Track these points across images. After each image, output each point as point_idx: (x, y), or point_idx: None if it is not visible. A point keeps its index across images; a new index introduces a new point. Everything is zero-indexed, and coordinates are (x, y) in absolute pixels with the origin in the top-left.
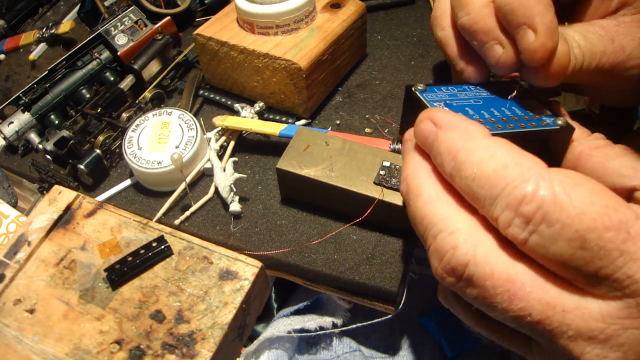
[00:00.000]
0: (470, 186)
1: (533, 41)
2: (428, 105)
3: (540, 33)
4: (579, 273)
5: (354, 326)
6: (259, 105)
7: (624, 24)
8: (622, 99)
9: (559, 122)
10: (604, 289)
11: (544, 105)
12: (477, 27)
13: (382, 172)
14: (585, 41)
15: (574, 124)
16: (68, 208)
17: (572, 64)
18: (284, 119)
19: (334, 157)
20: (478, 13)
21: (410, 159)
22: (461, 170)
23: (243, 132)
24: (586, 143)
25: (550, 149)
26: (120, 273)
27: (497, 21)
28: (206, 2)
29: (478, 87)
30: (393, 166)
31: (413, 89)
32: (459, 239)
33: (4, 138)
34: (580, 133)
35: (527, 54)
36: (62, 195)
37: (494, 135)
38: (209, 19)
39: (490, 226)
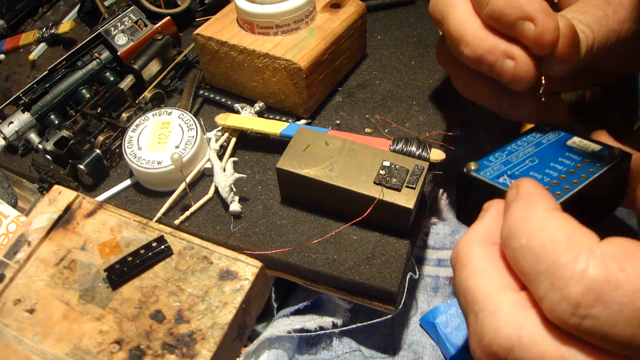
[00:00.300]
0: (517, 258)
1: (535, 29)
2: (495, 184)
3: (537, 18)
4: None
5: (354, 326)
6: (259, 105)
7: None
8: None
9: (615, 152)
10: None
11: (591, 140)
12: (480, 50)
13: (382, 172)
14: (584, 15)
15: (626, 148)
16: (68, 208)
17: (584, 43)
18: (284, 119)
19: (334, 157)
20: (475, 37)
21: (472, 226)
22: (511, 240)
23: (247, 131)
24: None
25: (617, 181)
26: (120, 273)
27: (497, 36)
28: (206, 2)
29: (521, 144)
30: (393, 166)
31: (465, 170)
32: (501, 319)
33: (4, 138)
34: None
35: (535, 44)
36: (62, 195)
37: (565, 200)
38: (209, 19)
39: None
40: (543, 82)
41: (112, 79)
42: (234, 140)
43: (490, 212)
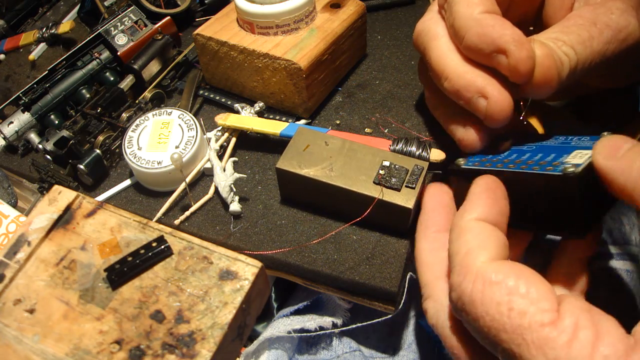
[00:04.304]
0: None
1: (508, 61)
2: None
3: (510, 50)
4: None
5: (354, 326)
6: (258, 105)
7: (597, 4)
8: (633, 75)
9: (570, 169)
10: None
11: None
12: (458, 85)
13: (381, 172)
14: (569, 35)
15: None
16: (68, 208)
17: (567, 65)
18: (284, 119)
19: (334, 157)
20: (456, 72)
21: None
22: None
23: (247, 131)
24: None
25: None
26: (120, 273)
27: (478, 68)
28: (206, 2)
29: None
30: (393, 166)
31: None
32: (429, 305)
33: (4, 138)
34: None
35: (511, 75)
36: (62, 195)
37: (497, 169)
38: (209, 19)
39: None
40: (522, 107)
41: (112, 79)
42: (234, 140)
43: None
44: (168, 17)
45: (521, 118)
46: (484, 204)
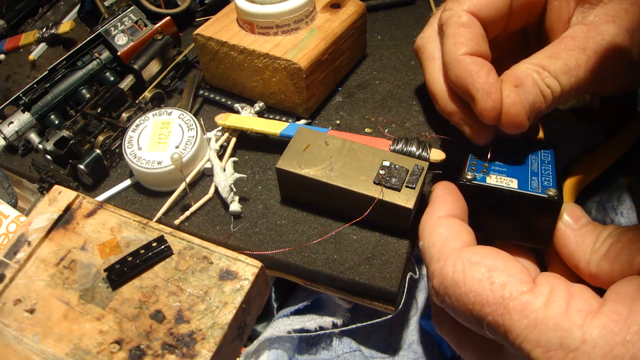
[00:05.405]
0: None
1: (475, 107)
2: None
3: (477, 99)
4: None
5: (354, 326)
6: (258, 105)
7: (592, 26)
8: (624, 87)
9: (550, 193)
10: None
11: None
12: (446, 111)
13: (381, 172)
14: (556, 62)
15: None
16: (68, 208)
17: (549, 97)
18: (284, 119)
19: (334, 157)
20: (443, 99)
21: None
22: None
23: (247, 131)
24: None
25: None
26: (120, 273)
27: (458, 100)
28: (206, 2)
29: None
30: (393, 166)
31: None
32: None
33: (4, 138)
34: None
35: (480, 118)
36: (62, 195)
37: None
38: (209, 19)
39: None
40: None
41: (112, 79)
42: (234, 140)
43: None
44: (168, 17)
45: (487, 159)
46: (450, 204)
